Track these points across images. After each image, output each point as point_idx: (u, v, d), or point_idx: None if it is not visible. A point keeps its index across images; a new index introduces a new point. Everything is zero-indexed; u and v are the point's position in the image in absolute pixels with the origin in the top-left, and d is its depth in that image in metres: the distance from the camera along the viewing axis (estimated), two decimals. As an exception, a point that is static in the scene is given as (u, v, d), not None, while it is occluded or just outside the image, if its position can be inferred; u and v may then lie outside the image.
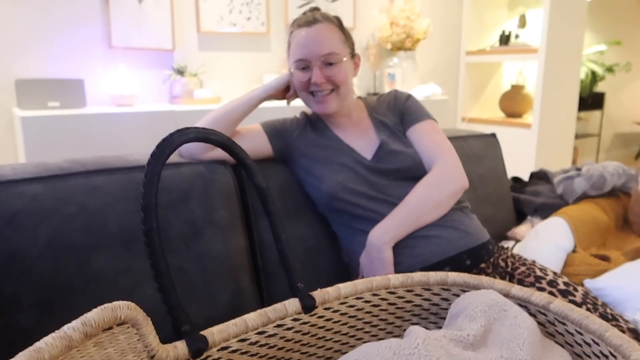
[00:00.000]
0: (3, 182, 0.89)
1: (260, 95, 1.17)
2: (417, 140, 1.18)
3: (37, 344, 0.47)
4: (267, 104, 1.24)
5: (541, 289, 1.02)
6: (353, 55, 1.19)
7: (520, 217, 1.76)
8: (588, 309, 0.96)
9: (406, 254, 1.06)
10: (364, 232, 1.09)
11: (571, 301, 0.99)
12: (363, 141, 1.19)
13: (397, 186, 1.12)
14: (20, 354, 0.46)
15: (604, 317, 0.95)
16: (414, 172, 1.14)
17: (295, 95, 1.20)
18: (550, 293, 1.01)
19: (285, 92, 1.21)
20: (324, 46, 1.11)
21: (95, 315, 0.52)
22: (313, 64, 1.11)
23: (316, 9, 1.19)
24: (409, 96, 1.26)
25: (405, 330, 0.79)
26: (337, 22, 1.16)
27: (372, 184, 1.12)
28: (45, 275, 0.87)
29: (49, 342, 0.48)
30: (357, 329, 0.79)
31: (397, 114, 1.23)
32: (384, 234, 1.05)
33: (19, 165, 0.97)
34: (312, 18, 1.13)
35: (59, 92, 2.03)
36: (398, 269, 1.05)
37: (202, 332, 0.64)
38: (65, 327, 0.50)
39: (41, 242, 0.88)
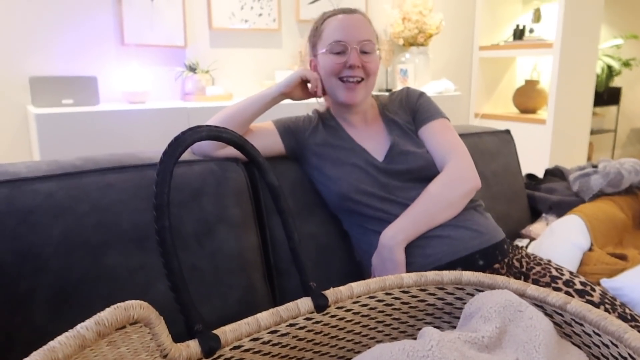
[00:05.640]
0: (18, 180, 0.90)
1: (273, 93, 1.15)
2: (429, 140, 1.17)
3: (51, 343, 0.48)
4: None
5: (557, 289, 1.01)
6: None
7: (535, 214, 1.73)
8: (606, 310, 0.95)
9: (417, 254, 1.05)
10: (376, 232, 1.08)
11: (588, 301, 0.97)
12: (375, 141, 1.17)
13: (408, 187, 1.11)
14: (34, 353, 0.46)
15: (622, 317, 0.93)
16: (425, 172, 1.12)
17: (318, 92, 1.16)
18: (567, 293, 0.99)
19: (298, 89, 1.17)
20: (362, 33, 1.13)
21: (108, 314, 0.52)
22: (351, 47, 1.12)
23: None
24: (421, 94, 1.24)
25: (419, 329, 0.79)
26: (369, 20, 1.19)
27: (383, 185, 1.11)
28: (60, 273, 0.88)
29: (62, 342, 0.48)
30: (370, 329, 0.79)
31: (409, 112, 1.22)
32: (395, 235, 1.04)
33: (33, 164, 0.98)
34: (349, 9, 1.16)
35: (73, 89, 2.04)
36: (409, 269, 1.04)
37: (215, 331, 0.64)
38: (78, 327, 0.50)
39: (55, 239, 0.88)
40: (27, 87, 2.07)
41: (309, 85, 1.18)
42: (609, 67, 4.54)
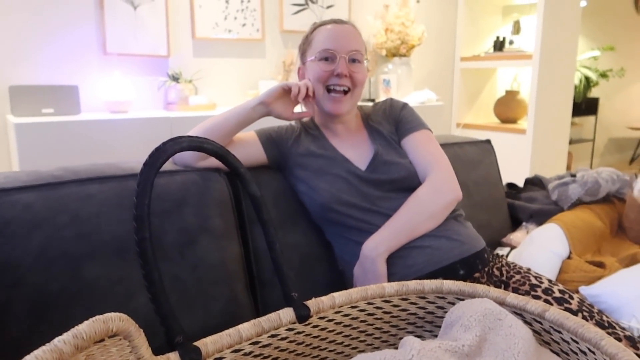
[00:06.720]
0: (-5, 191, 0.89)
1: (253, 102, 1.13)
2: (412, 151, 1.18)
3: (27, 358, 0.47)
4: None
5: (536, 297, 1.02)
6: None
7: (515, 223, 1.76)
8: (584, 317, 0.96)
9: (399, 264, 1.06)
10: (358, 242, 1.09)
11: (567, 309, 0.98)
12: (358, 151, 1.18)
13: (390, 198, 1.12)
14: (10, 368, 0.45)
15: (600, 324, 0.95)
16: (407, 183, 1.13)
17: (300, 97, 1.14)
18: (546, 301, 1.01)
19: (279, 103, 1.14)
20: (352, 43, 1.14)
21: (86, 327, 0.52)
22: (340, 56, 1.13)
23: None
24: (405, 105, 1.26)
25: (400, 338, 0.79)
26: (359, 32, 1.20)
27: (365, 195, 1.11)
28: (38, 285, 0.86)
29: (39, 356, 0.47)
30: (352, 338, 0.79)
31: (392, 122, 1.23)
32: (377, 246, 1.05)
33: (12, 174, 0.97)
34: (340, 20, 1.18)
35: (53, 98, 2.02)
36: (391, 280, 1.05)
37: (196, 343, 0.63)
38: (55, 340, 0.49)
39: (34, 251, 0.87)
40: (6, 96, 2.04)
41: (297, 108, 1.18)
42: (587, 78, 4.65)
